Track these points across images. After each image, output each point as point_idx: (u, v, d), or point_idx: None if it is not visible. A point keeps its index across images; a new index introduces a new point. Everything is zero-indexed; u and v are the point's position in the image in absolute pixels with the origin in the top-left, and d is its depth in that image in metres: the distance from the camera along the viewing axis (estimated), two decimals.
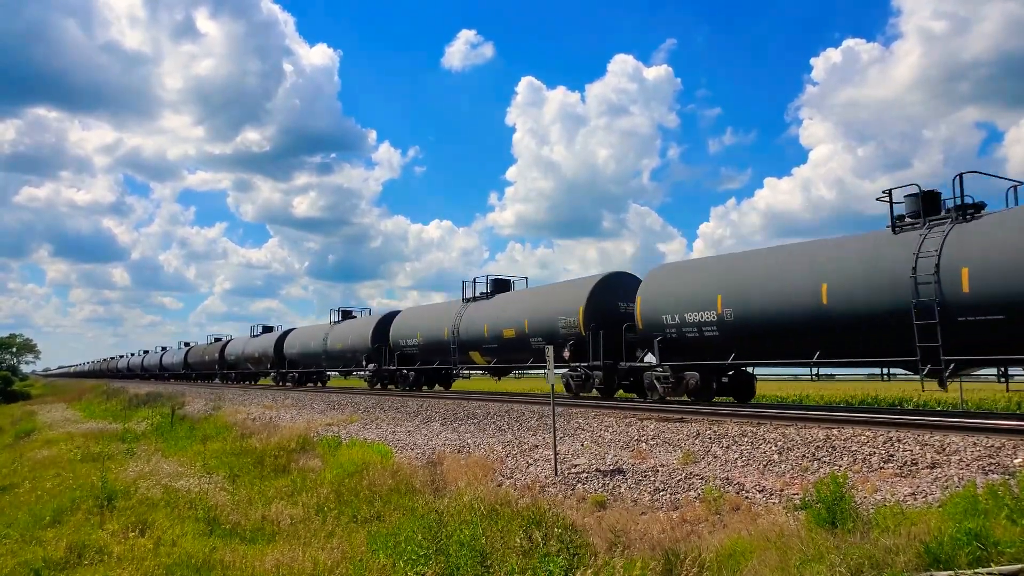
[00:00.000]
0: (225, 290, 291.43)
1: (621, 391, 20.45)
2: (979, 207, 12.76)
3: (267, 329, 48.49)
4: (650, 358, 18.40)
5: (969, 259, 11.84)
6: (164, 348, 75.95)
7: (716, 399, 17.60)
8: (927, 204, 13.32)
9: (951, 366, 12.28)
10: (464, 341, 25.02)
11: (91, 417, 32.96)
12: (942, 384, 12.74)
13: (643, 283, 18.82)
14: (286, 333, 43.21)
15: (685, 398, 17.23)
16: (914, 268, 12.39)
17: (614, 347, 18.98)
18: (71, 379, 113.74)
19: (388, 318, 31.59)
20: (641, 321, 18.10)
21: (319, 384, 40.04)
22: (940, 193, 13.39)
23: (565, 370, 20.66)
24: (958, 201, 12.81)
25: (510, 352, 23.20)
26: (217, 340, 57.43)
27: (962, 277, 11.81)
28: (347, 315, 38.02)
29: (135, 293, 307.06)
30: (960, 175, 12.86)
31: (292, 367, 41.30)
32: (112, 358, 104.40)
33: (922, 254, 12.39)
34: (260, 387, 42.02)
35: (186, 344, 69.35)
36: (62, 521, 11.30)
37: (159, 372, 71.44)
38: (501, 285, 25.82)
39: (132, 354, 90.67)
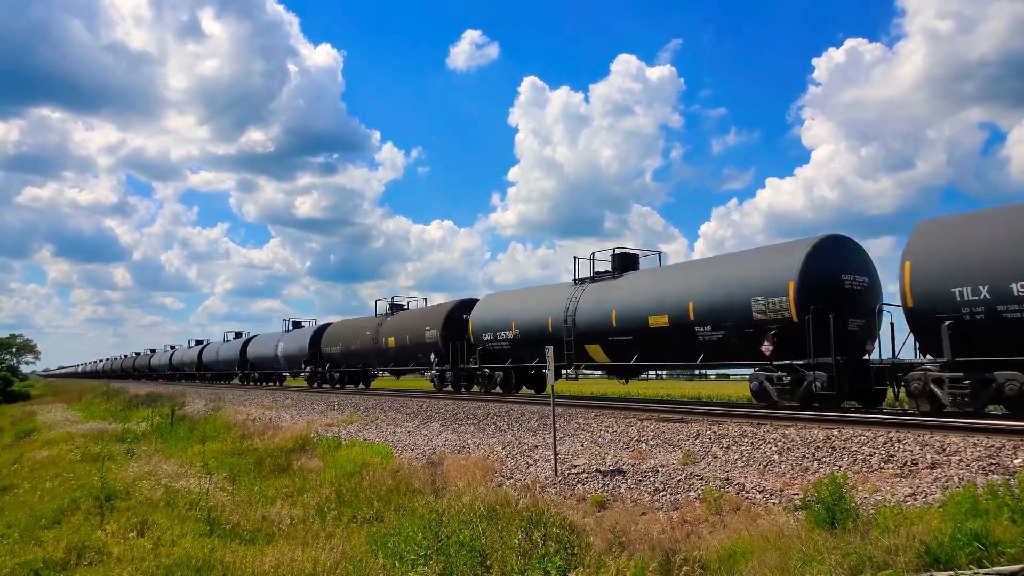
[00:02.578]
0: (226, 290, 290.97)
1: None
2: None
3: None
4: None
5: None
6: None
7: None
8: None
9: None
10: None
11: (91, 417, 32.97)
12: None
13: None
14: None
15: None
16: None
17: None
18: (79, 379, 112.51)
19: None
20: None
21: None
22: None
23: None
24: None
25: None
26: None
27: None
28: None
29: (136, 293, 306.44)
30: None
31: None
32: (137, 354, 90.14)
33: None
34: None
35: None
36: (62, 521, 11.30)
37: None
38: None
39: (172, 347, 73.47)
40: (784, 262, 15.01)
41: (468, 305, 26.71)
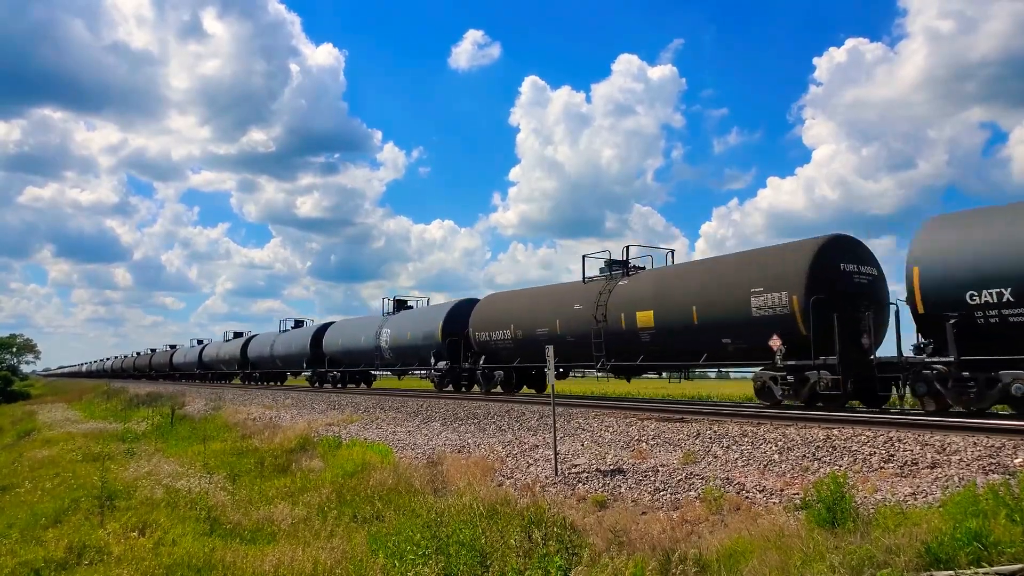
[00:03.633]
0: (227, 290, 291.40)
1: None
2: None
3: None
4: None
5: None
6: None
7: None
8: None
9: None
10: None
11: (91, 417, 32.99)
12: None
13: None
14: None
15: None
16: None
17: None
18: (82, 379, 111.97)
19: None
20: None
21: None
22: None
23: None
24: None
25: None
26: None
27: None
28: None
29: (137, 293, 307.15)
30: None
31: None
32: (152, 351, 79.99)
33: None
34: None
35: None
36: (62, 521, 11.31)
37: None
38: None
39: (201, 342, 62.63)
40: None
41: (842, 246, 15.00)
